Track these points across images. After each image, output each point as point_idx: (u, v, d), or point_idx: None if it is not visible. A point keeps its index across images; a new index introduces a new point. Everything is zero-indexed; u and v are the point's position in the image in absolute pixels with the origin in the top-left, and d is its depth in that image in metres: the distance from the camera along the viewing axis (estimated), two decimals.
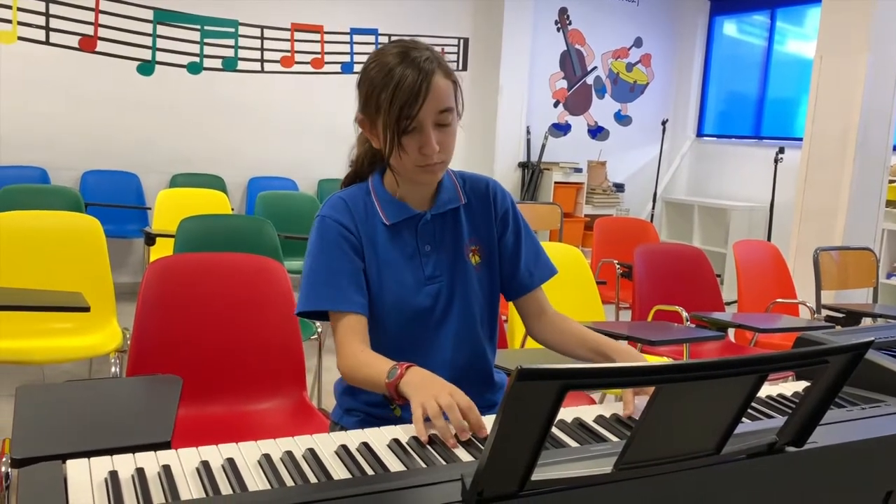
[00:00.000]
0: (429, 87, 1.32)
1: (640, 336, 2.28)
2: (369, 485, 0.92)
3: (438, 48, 1.61)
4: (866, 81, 4.53)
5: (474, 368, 1.52)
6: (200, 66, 5.44)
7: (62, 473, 0.93)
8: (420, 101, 1.32)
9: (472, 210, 1.52)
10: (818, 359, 0.94)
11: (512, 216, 1.55)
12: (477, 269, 1.51)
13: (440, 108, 1.35)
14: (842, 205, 4.65)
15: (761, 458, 1.01)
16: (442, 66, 1.36)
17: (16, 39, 4.88)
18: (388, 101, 1.32)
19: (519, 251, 1.55)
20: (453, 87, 1.38)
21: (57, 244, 2.78)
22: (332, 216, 1.44)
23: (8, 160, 4.87)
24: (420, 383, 1.23)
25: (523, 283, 1.55)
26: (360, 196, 1.47)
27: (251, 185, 5.60)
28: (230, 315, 1.96)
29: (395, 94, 1.31)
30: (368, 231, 1.44)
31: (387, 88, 1.32)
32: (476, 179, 1.55)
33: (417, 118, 1.33)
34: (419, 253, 1.46)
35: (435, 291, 1.46)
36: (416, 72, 1.32)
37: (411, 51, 1.35)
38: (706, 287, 3.31)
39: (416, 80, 1.31)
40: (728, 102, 7.31)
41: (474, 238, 1.51)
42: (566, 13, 6.77)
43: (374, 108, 1.36)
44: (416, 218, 1.46)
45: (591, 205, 6.71)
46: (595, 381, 0.87)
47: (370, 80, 1.36)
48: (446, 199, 1.48)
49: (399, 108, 1.32)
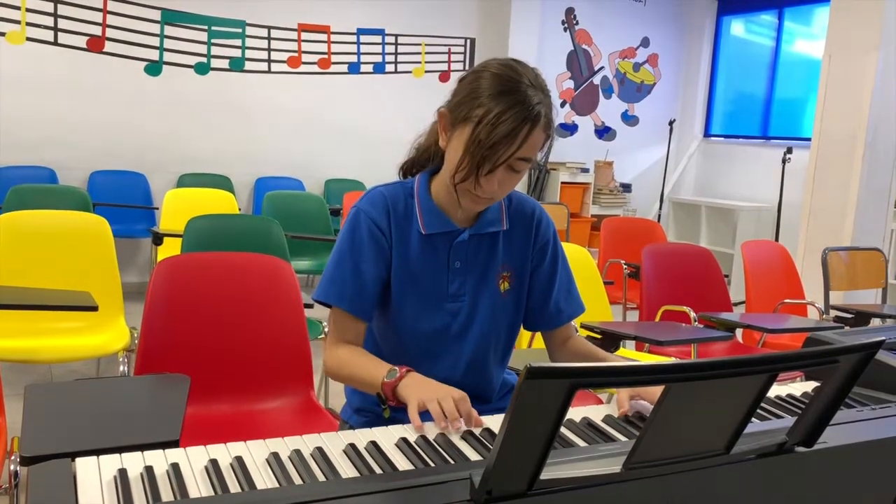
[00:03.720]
0: (528, 135, 1.26)
1: (647, 336, 2.27)
2: (378, 483, 0.92)
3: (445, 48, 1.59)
4: (875, 80, 4.51)
5: (477, 391, 1.49)
6: (208, 66, 5.45)
7: (71, 471, 0.93)
8: (513, 145, 1.26)
9: (512, 236, 1.47)
10: (829, 359, 0.94)
11: (552, 248, 1.50)
12: (504, 295, 1.47)
13: (524, 157, 1.28)
14: (850, 205, 4.63)
15: (771, 458, 1.01)
16: (549, 118, 1.30)
17: (24, 40, 4.90)
18: (481, 128, 1.25)
19: (552, 284, 1.50)
20: (545, 140, 1.31)
21: (65, 244, 2.79)
22: (367, 212, 1.41)
23: (16, 160, 4.89)
24: (418, 386, 1.23)
25: (550, 318, 1.52)
26: (401, 196, 1.43)
27: (258, 185, 5.61)
28: (238, 314, 1.96)
29: (493, 128, 1.24)
30: (402, 234, 1.41)
31: (488, 114, 1.24)
32: (522, 202, 1.49)
33: (500, 157, 1.27)
34: (448, 268, 1.43)
35: (455, 310, 1.44)
36: (523, 117, 1.24)
37: (528, 87, 1.26)
38: (714, 287, 3.29)
39: (518, 126, 1.24)
40: (735, 102, 7.29)
41: (507, 264, 1.47)
42: (573, 13, 6.76)
43: (465, 114, 1.29)
44: (454, 234, 1.42)
45: (598, 205, 6.70)
46: (604, 381, 0.86)
47: (476, 91, 1.28)
48: (489, 221, 1.44)
49: (488, 145, 1.25)
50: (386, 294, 1.44)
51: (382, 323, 1.47)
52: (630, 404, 1.28)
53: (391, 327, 1.45)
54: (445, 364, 1.45)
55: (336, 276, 1.40)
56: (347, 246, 1.41)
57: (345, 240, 1.42)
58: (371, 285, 1.40)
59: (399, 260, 1.42)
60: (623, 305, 4.08)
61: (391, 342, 1.46)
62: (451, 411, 1.15)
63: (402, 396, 1.24)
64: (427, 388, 1.23)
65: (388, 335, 1.47)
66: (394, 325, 1.44)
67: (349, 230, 1.41)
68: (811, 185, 4.83)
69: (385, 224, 1.41)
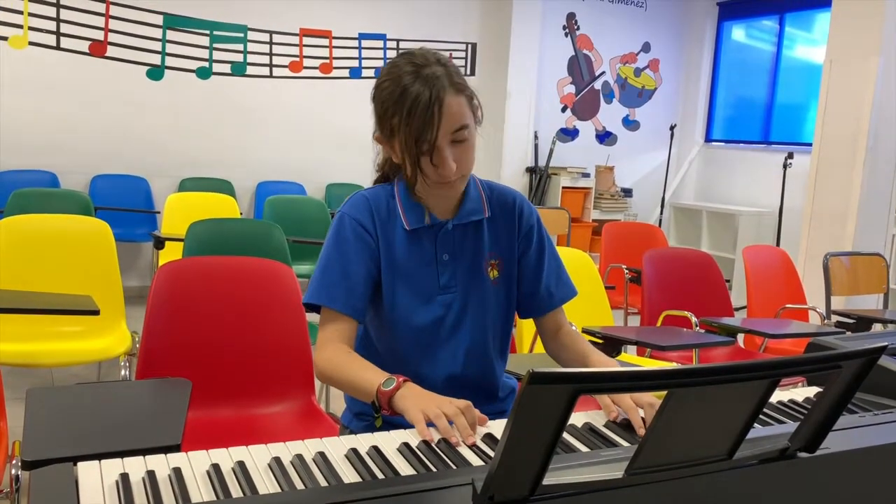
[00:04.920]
0: (441, 110, 1.29)
1: (649, 341, 2.27)
2: (380, 488, 0.92)
3: (446, 53, 1.60)
4: (877, 85, 4.52)
5: (482, 384, 1.50)
6: (209, 70, 5.47)
7: (73, 476, 0.93)
8: (434, 126, 1.30)
9: (496, 224, 1.49)
10: (831, 364, 0.94)
11: (536, 233, 1.52)
12: (494, 283, 1.48)
13: (454, 128, 1.32)
14: (852, 210, 4.63)
15: (773, 463, 1.01)
16: (453, 83, 1.32)
17: (27, 45, 4.91)
18: (401, 126, 1.31)
19: (541, 270, 1.51)
20: (467, 101, 1.35)
21: (66, 248, 2.79)
22: (352, 215, 1.42)
23: (18, 164, 4.90)
24: (416, 397, 1.21)
25: (542, 303, 1.53)
26: (383, 197, 1.45)
27: (259, 190, 5.61)
28: (239, 318, 1.96)
29: (408, 120, 1.29)
30: (387, 233, 1.43)
31: (399, 113, 1.30)
32: (503, 192, 1.52)
33: (432, 142, 1.31)
34: (436, 261, 1.44)
35: (448, 301, 1.45)
36: (427, 94, 1.29)
37: (421, 68, 1.31)
38: (715, 292, 3.29)
39: (428, 104, 1.28)
40: (736, 107, 7.29)
41: (494, 252, 1.48)
42: (574, 18, 6.77)
43: (388, 130, 1.35)
44: (438, 226, 1.44)
45: (599, 210, 6.70)
46: (607, 386, 0.86)
47: (382, 101, 1.34)
48: (470, 210, 1.46)
49: (414, 135, 1.30)
50: (378, 294, 1.44)
51: (377, 323, 1.47)
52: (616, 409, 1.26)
53: (386, 326, 1.45)
54: (445, 357, 1.45)
55: (325, 279, 1.40)
56: (334, 249, 1.41)
57: (331, 244, 1.42)
58: (362, 285, 1.40)
59: (387, 258, 1.42)
60: (624, 310, 4.08)
61: (387, 342, 1.46)
62: (464, 426, 1.13)
63: (400, 407, 1.21)
64: (427, 399, 1.20)
65: (383, 335, 1.47)
66: (388, 323, 1.44)
67: (334, 234, 1.42)
68: (812, 190, 4.83)
69: (370, 224, 1.42)
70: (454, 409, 1.15)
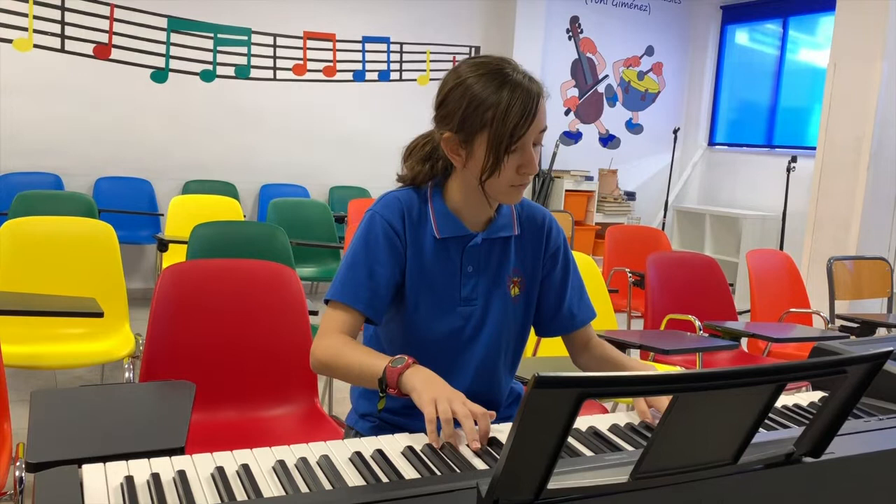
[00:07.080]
0: (538, 108, 1.32)
1: (652, 345, 2.27)
2: (384, 492, 0.92)
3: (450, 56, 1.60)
4: (880, 90, 4.51)
5: (487, 398, 1.48)
6: (213, 73, 5.48)
7: (78, 478, 0.93)
8: (530, 121, 1.31)
9: (523, 241, 1.50)
10: (836, 369, 0.93)
11: (563, 254, 1.53)
12: (515, 300, 1.48)
13: (541, 128, 1.35)
14: (856, 214, 4.62)
15: (778, 468, 1.00)
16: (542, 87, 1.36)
17: (31, 47, 4.93)
18: (495, 119, 1.30)
19: (565, 290, 1.52)
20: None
21: (70, 250, 2.79)
22: (383, 215, 1.42)
23: (22, 166, 4.91)
24: (426, 380, 1.21)
25: (563, 323, 1.53)
26: (416, 201, 1.45)
27: (263, 192, 5.62)
28: (243, 321, 1.96)
29: (506, 113, 1.29)
30: (416, 237, 1.43)
31: (496, 107, 1.30)
32: (533, 209, 1.53)
33: (523, 138, 1.32)
34: (461, 272, 1.44)
35: (468, 314, 1.45)
36: (527, 92, 1.31)
37: (508, 68, 1.33)
38: (719, 296, 3.29)
39: (528, 100, 1.30)
40: (740, 111, 7.29)
41: (518, 269, 1.49)
42: (578, 21, 6.78)
43: (476, 125, 1.32)
44: (467, 238, 1.44)
45: (603, 213, 6.69)
46: (613, 390, 0.86)
47: (475, 95, 1.32)
48: (501, 226, 1.46)
49: (510, 127, 1.30)
50: (398, 297, 1.44)
51: (393, 326, 1.47)
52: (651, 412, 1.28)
53: (402, 331, 1.45)
54: (455, 370, 1.45)
55: (350, 278, 1.39)
56: (362, 248, 1.40)
57: (359, 242, 1.41)
58: (385, 288, 1.39)
59: (413, 263, 1.42)
60: (628, 314, 4.07)
61: (399, 346, 1.46)
62: (471, 430, 1.12)
63: (408, 386, 1.20)
64: (439, 386, 1.19)
65: (396, 339, 1.46)
66: (406, 328, 1.44)
67: (364, 232, 1.42)
68: (816, 193, 4.83)
69: (400, 227, 1.42)
70: (465, 410, 1.14)
